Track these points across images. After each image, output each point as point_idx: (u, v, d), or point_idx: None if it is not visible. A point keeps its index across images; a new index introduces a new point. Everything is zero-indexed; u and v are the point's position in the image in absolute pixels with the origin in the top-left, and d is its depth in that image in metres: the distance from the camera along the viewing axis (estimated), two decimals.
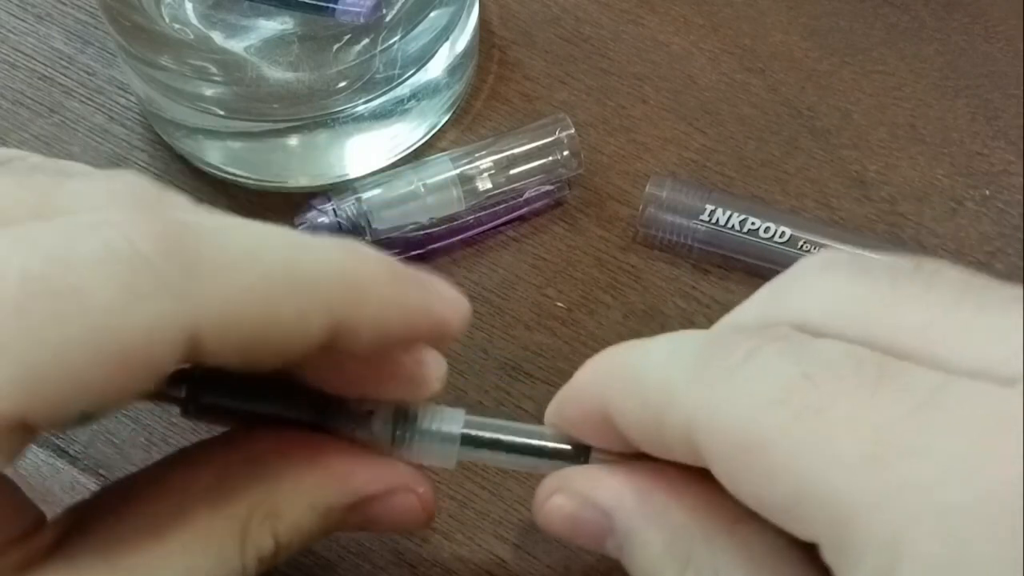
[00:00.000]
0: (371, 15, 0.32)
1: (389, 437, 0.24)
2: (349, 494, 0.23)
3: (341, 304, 0.21)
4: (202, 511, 0.21)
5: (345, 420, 0.24)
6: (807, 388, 0.18)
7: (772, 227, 0.32)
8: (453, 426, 0.24)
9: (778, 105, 0.37)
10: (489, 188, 0.33)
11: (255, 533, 0.22)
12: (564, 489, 0.23)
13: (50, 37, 0.37)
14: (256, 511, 0.22)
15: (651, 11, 0.39)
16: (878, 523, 0.16)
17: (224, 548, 0.21)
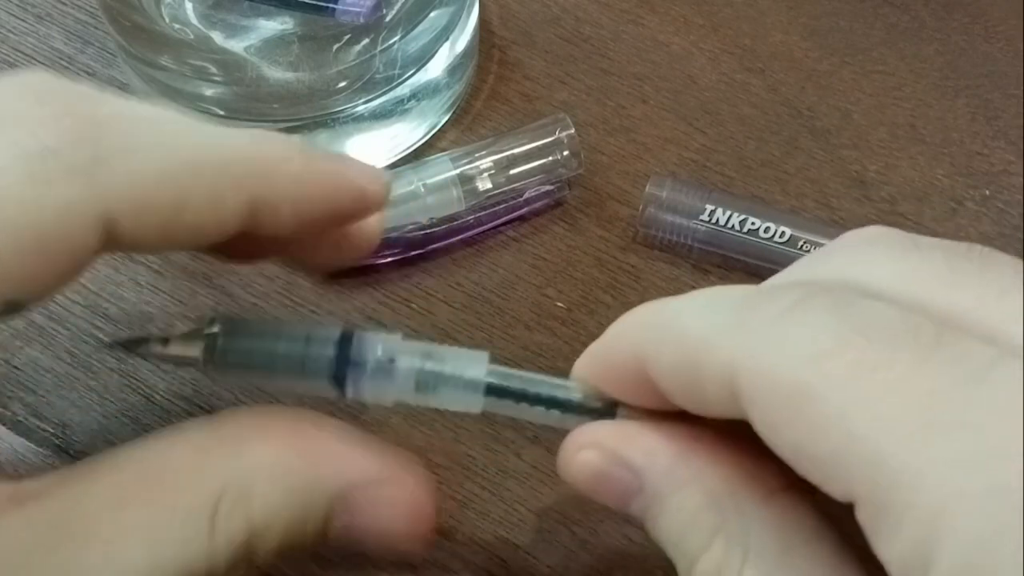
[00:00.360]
0: (371, 15, 0.32)
1: (412, 384, 0.23)
2: (329, 478, 0.22)
3: (253, 182, 0.22)
4: (170, 488, 0.21)
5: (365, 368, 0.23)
6: (861, 345, 0.18)
7: (772, 227, 0.32)
8: (477, 371, 0.23)
9: (778, 105, 0.37)
10: (489, 188, 0.33)
11: (226, 514, 0.21)
12: (595, 444, 0.22)
13: (50, 37, 0.37)
14: (228, 491, 0.21)
15: (651, 11, 0.39)
16: (923, 493, 0.16)
17: (190, 527, 0.20)
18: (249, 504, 0.21)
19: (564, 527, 0.29)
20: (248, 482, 0.21)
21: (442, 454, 0.30)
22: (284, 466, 0.22)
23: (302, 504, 0.22)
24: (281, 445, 0.22)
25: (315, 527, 0.22)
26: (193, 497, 0.21)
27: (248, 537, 0.21)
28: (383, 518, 0.23)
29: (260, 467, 0.22)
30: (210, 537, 0.20)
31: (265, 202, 0.22)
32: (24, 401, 0.30)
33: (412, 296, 0.32)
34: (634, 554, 0.28)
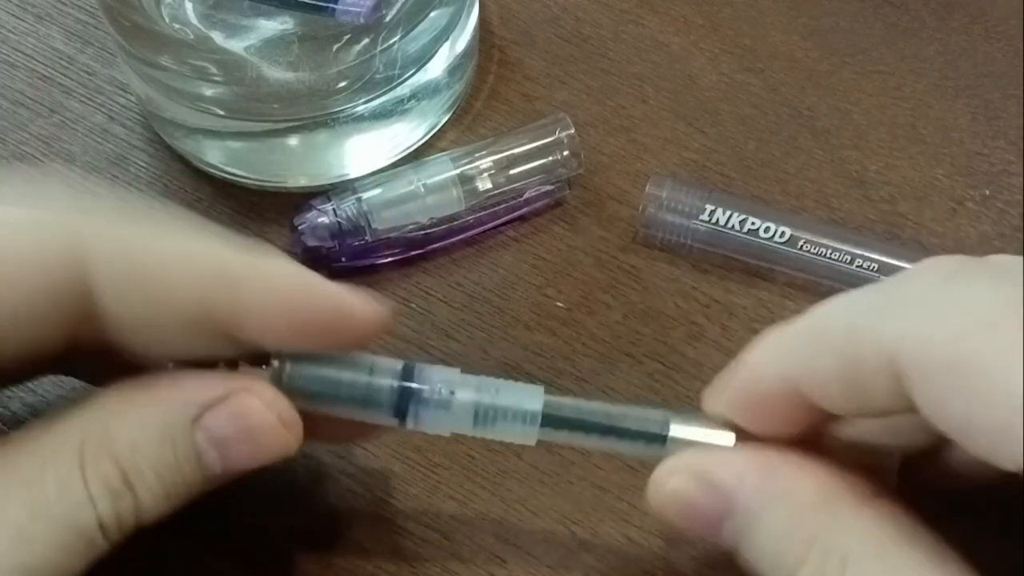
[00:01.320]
0: (371, 15, 0.32)
1: (471, 417, 0.24)
2: (181, 404, 0.22)
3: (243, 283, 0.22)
4: (37, 447, 0.21)
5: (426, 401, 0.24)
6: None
7: (772, 227, 0.32)
8: (534, 404, 0.24)
9: (778, 105, 0.37)
10: (489, 188, 0.33)
11: (92, 458, 0.21)
12: (682, 470, 0.23)
13: (50, 37, 0.37)
14: (88, 437, 0.21)
15: (651, 11, 0.39)
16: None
17: (63, 476, 0.21)
18: (111, 444, 0.22)
19: (564, 527, 0.29)
20: (104, 426, 0.22)
21: (442, 454, 0.30)
22: (134, 404, 0.22)
23: (163, 433, 0.22)
24: (128, 389, 0.23)
25: (187, 458, 0.22)
26: (57, 450, 0.21)
27: (121, 476, 0.21)
28: (246, 425, 0.23)
29: (112, 410, 0.22)
30: (83, 482, 0.21)
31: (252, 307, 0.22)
32: (24, 401, 0.30)
33: (412, 296, 0.32)
34: (634, 554, 0.28)
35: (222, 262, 0.23)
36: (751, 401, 0.23)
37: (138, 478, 0.22)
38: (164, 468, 0.22)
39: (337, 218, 0.32)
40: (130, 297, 0.22)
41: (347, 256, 0.32)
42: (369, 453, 0.30)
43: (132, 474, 0.22)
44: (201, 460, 0.23)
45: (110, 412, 0.22)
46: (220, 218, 0.34)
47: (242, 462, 0.23)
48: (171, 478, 0.22)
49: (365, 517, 0.29)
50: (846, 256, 0.32)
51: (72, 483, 0.21)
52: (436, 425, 0.24)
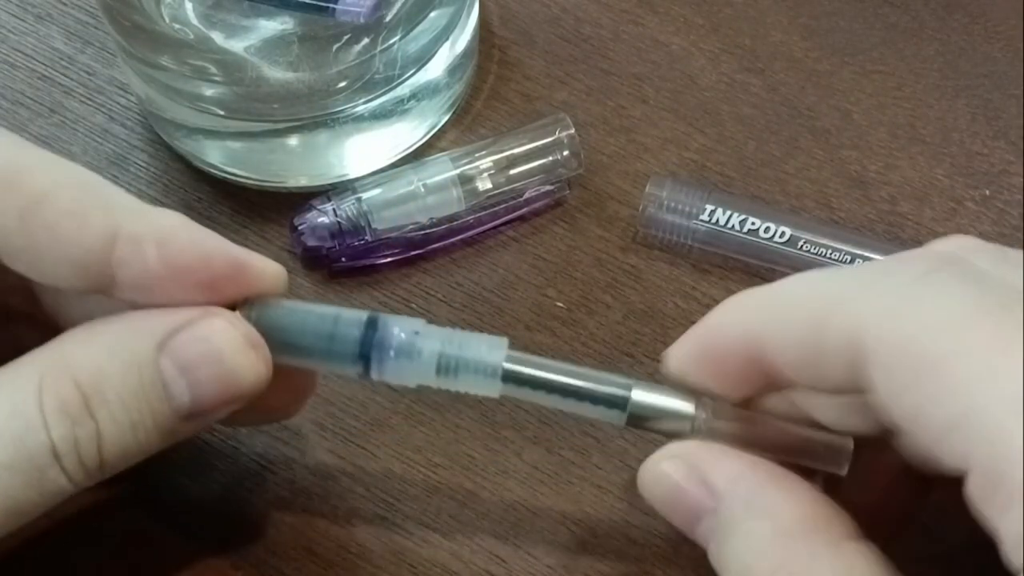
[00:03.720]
0: (371, 15, 0.32)
1: (434, 367, 0.24)
2: (146, 329, 0.22)
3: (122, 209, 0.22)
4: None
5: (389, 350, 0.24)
6: (997, 319, 0.18)
7: (772, 227, 0.32)
8: (496, 356, 0.24)
9: (778, 105, 0.37)
10: (489, 188, 0.33)
11: (51, 381, 0.20)
12: (680, 457, 0.23)
13: (50, 37, 0.37)
14: (49, 363, 0.21)
15: (651, 11, 0.39)
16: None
17: (17, 400, 0.20)
18: (74, 368, 0.21)
19: (564, 527, 0.29)
20: (66, 352, 0.21)
21: (442, 454, 0.30)
22: (99, 332, 0.22)
23: (127, 357, 0.21)
24: (93, 323, 0.22)
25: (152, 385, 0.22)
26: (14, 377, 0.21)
27: (82, 400, 0.21)
28: (212, 348, 0.22)
29: (76, 339, 0.22)
30: (38, 405, 0.20)
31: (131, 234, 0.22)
32: None
33: (412, 296, 0.32)
34: (634, 554, 0.28)
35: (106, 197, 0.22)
36: (709, 356, 0.23)
37: (100, 404, 0.21)
38: (129, 395, 0.21)
39: (337, 218, 0.32)
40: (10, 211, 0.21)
41: (347, 256, 0.32)
42: (369, 453, 0.30)
43: (94, 399, 0.21)
44: (168, 389, 0.22)
45: (74, 341, 0.22)
46: (220, 218, 0.34)
47: (211, 392, 0.22)
48: (137, 407, 0.21)
49: (365, 517, 0.29)
50: (846, 256, 0.32)
51: (25, 404, 0.20)
52: (400, 374, 0.24)
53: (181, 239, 0.22)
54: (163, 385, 0.22)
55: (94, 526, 0.28)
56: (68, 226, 0.21)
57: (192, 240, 0.22)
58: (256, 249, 0.33)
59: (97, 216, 0.22)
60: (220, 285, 0.23)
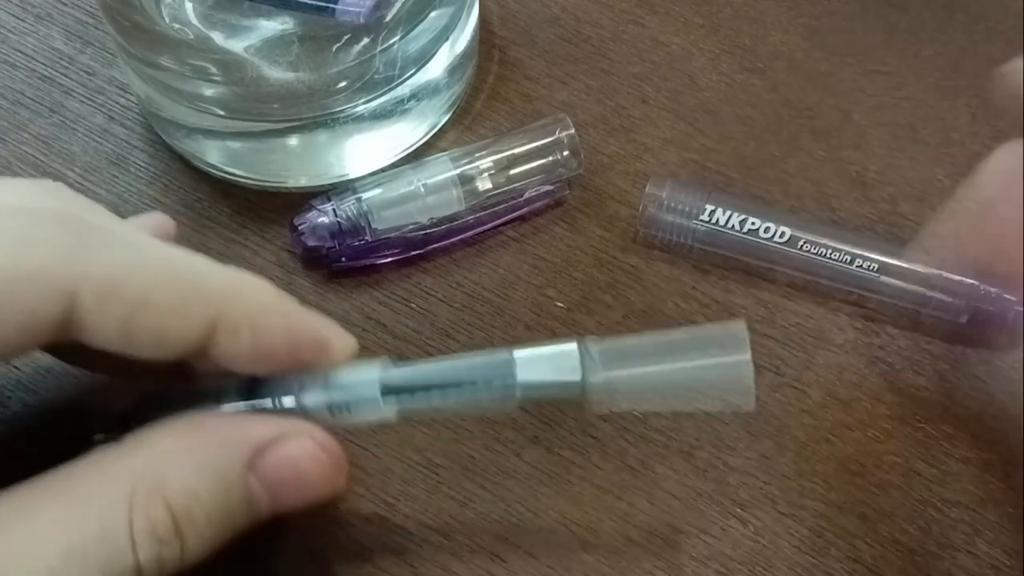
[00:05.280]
0: (371, 15, 0.32)
1: (325, 406, 0.24)
2: (236, 448, 0.23)
3: (220, 298, 0.23)
4: (80, 488, 0.21)
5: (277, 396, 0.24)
6: None
7: (772, 227, 0.32)
8: (371, 374, 0.24)
9: (778, 105, 0.37)
10: (489, 188, 0.33)
11: (143, 503, 0.21)
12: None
13: (50, 37, 0.37)
14: (140, 480, 0.21)
15: (651, 11, 0.39)
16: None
17: (107, 521, 0.21)
18: (165, 488, 0.21)
19: (564, 527, 0.29)
20: (158, 469, 0.22)
21: (442, 454, 0.30)
22: (189, 447, 0.22)
23: (218, 477, 0.22)
24: (181, 432, 0.23)
25: (239, 502, 0.22)
26: (104, 491, 0.21)
27: (172, 522, 0.21)
28: (298, 469, 0.23)
29: (166, 454, 0.22)
30: (128, 527, 0.21)
31: (228, 322, 0.23)
32: (24, 401, 0.30)
33: (412, 296, 0.32)
34: (634, 554, 0.28)
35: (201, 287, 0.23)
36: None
37: (189, 525, 0.22)
38: (216, 513, 0.22)
39: (337, 218, 0.32)
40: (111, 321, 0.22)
41: (347, 256, 0.32)
42: (369, 453, 0.30)
43: (183, 521, 0.21)
44: (252, 503, 0.23)
45: (163, 454, 0.22)
46: (220, 218, 0.34)
47: (291, 503, 0.24)
48: (221, 523, 0.22)
49: (365, 517, 0.29)
50: (846, 256, 0.32)
51: (115, 528, 0.21)
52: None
53: (273, 326, 0.24)
54: (248, 500, 0.23)
55: None
56: (168, 325, 0.22)
57: (284, 326, 0.24)
58: (256, 249, 0.33)
59: (195, 310, 0.23)
60: (301, 363, 0.24)
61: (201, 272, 0.24)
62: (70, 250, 0.22)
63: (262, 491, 0.23)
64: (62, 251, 0.22)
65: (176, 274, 0.23)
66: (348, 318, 0.32)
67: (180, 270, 0.23)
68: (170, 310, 0.22)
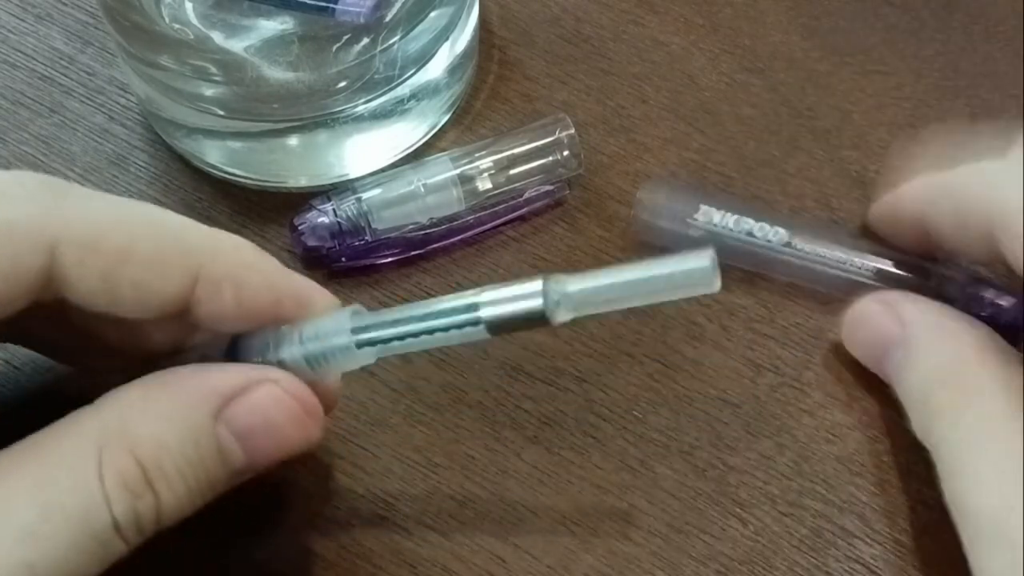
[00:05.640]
0: (371, 15, 0.32)
1: (302, 359, 0.24)
2: (202, 397, 0.22)
3: (202, 254, 0.23)
4: (50, 447, 0.21)
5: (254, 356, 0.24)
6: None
7: (766, 227, 0.32)
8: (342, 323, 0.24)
9: (778, 105, 0.37)
10: (489, 188, 0.33)
11: (111, 455, 0.21)
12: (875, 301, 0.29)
13: (50, 37, 0.37)
14: (107, 434, 0.21)
15: (651, 11, 0.39)
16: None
17: (78, 476, 0.20)
18: (131, 440, 0.21)
19: (564, 527, 0.29)
20: (125, 422, 0.21)
21: (442, 454, 0.30)
22: (155, 398, 0.22)
23: (185, 427, 0.22)
24: (147, 386, 0.22)
25: (210, 453, 0.22)
26: (73, 449, 0.21)
27: (141, 474, 0.21)
28: (268, 416, 0.23)
29: (133, 407, 0.22)
30: (99, 480, 0.20)
31: (209, 277, 0.23)
32: (24, 401, 0.30)
33: (412, 296, 0.32)
34: (634, 554, 0.28)
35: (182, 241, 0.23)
36: (893, 217, 0.31)
37: (159, 476, 0.21)
38: (187, 465, 0.22)
39: (337, 218, 0.32)
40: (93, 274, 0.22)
41: (347, 256, 0.32)
42: (369, 453, 0.30)
43: (153, 472, 0.21)
44: (224, 455, 0.22)
45: (130, 407, 0.22)
46: (220, 218, 0.34)
47: (266, 455, 0.23)
48: (194, 475, 0.22)
49: (365, 517, 0.29)
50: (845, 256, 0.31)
51: (87, 481, 0.20)
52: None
53: (256, 282, 0.24)
54: (219, 451, 0.22)
55: None
56: (150, 278, 0.22)
57: (266, 282, 0.24)
58: None
59: (176, 264, 0.23)
60: (284, 318, 0.24)
61: (183, 228, 0.24)
62: (50, 201, 0.22)
63: (233, 441, 0.22)
64: (42, 204, 0.22)
65: (157, 228, 0.23)
66: None
67: (162, 225, 0.23)
68: (152, 263, 0.22)
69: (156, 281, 0.23)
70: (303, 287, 0.25)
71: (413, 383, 0.31)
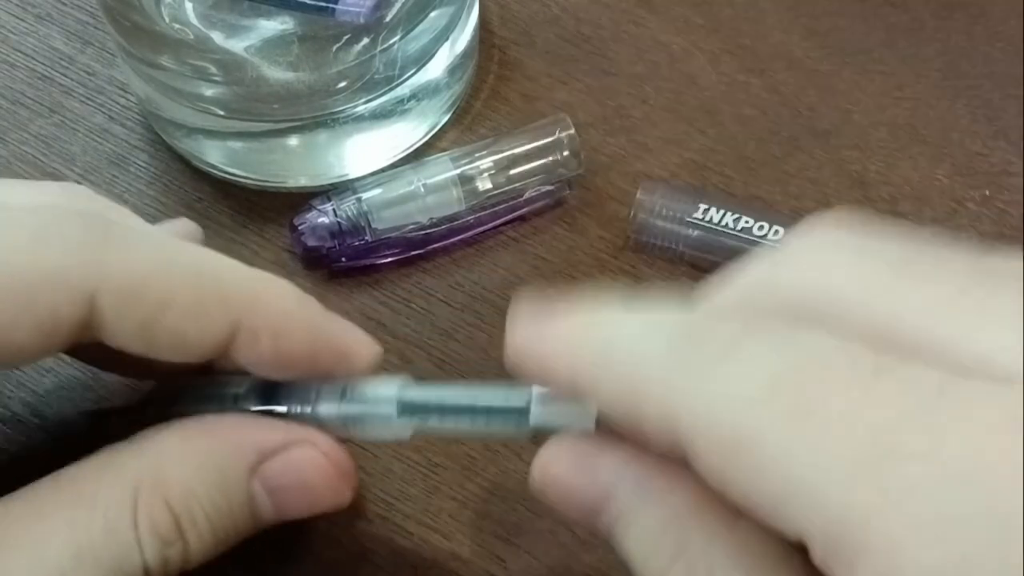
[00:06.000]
0: (371, 15, 0.32)
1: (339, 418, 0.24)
2: (240, 451, 0.22)
3: (242, 303, 0.22)
4: (88, 488, 0.21)
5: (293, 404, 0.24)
6: (796, 385, 0.17)
7: (766, 227, 0.32)
8: (390, 391, 0.24)
9: (778, 105, 0.37)
10: (489, 188, 0.33)
11: (146, 502, 0.21)
12: (563, 458, 0.22)
13: (50, 37, 0.37)
14: (143, 480, 0.21)
15: (651, 11, 0.39)
16: (875, 530, 0.15)
17: (113, 520, 0.21)
18: (166, 488, 0.21)
19: (564, 527, 0.29)
20: (161, 470, 0.22)
21: (442, 454, 0.30)
22: (193, 448, 0.22)
23: (219, 480, 0.22)
24: (187, 433, 0.23)
25: (240, 506, 0.22)
26: (109, 491, 0.21)
27: (174, 522, 0.21)
28: (303, 478, 0.23)
29: (170, 454, 0.22)
30: (133, 526, 0.21)
31: (249, 327, 0.22)
32: (24, 401, 0.30)
33: (412, 296, 0.32)
34: None
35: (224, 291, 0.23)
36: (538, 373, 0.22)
37: (190, 525, 0.22)
38: (216, 515, 0.22)
39: (337, 218, 0.32)
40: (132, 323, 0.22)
41: (347, 256, 0.32)
42: (369, 453, 0.30)
43: (185, 522, 0.21)
44: (254, 508, 0.23)
45: (166, 455, 0.22)
46: (220, 218, 0.34)
47: (296, 512, 0.23)
48: (222, 525, 0.22)
49: (365, 517, 0.29)
50: None
51: (121, 527, 0.21)
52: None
53: (295, 333, 0.23)
54: (250, 504, 0.23)
55: None
56: (188, 328, 0.22)
57: (306, 334, 0.23)
58: (256, 249, 0.33)
59: (216, 314, 0.22)
60: (322, 371, 0.24)
61: (224, 274, 0.23)
62: (90, 248, 0.21)
63: (265, 497, 0.23)
64: (82, 249, 0.21)
65: (198, 277, 0.23)
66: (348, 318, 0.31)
67: (202, 272, 0.23)
68: (191, 314, 0.22)
69: (195, 331, 0.22)
70: (345, 339, 0.24)
71: None
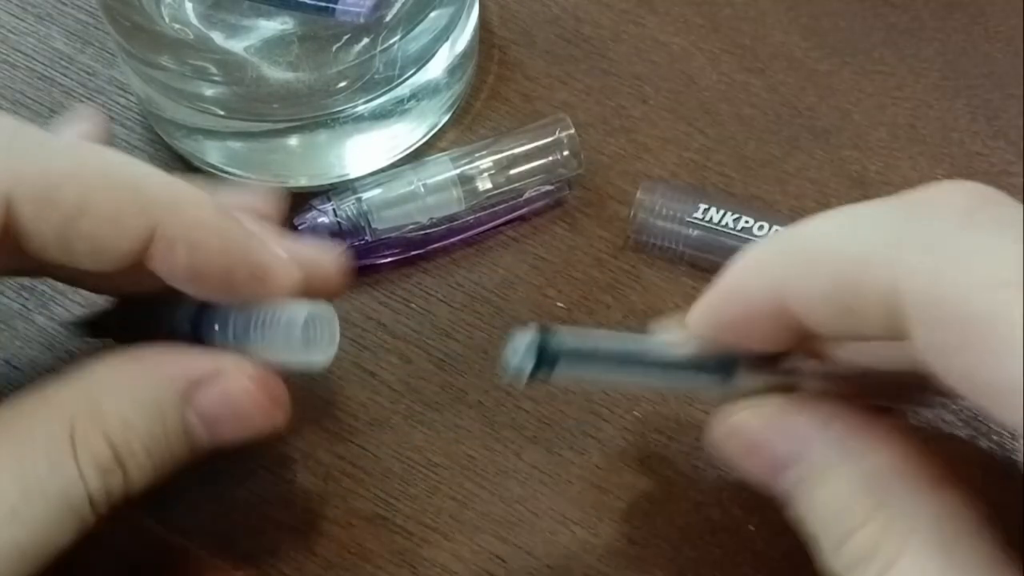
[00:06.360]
0: (371, 15, 0.32)
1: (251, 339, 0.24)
2: (172, 381, 0.23)
3: (158, 210, 0.22)
4: (26, 427, 0.22)
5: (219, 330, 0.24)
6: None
7: (766, 227, 0.32)
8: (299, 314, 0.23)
9: (778, 105, 0.37)
10: (489, 188, 0.33)
11: (83, 435, 0.21)
12: (755, 410, 0.22)
13: (50, 37, 0.37)
14: (79, 413, 0.22)
15: (651, 11, 0.39)
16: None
17: (54, 454, 0.21)
18: (102, 420, 0.22)
19: (564, 527, 0.29)
20: (95, 401, 0.22)
21: (442, 454, 0.30)
22: (126, 380, 0.23)
23: (154, 410, 0.22)
24: (119, 364, 0.23)
25: (176, 435, 0.23)
26: (46, 426, 0.22)
27: (113, 453, 0.22)
28: (234, 406, 0.23)
29: (104, 386, 0.22)
30: (74, 458, 0.21)
31: (165, 236, 0.22)
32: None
33: (412, 296, 0.32)
34: (634, 554, 0.28)
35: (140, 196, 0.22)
36: (732, 318, 0.22)
37: (128, 455, 0.22)
38: (153, 444, 0.22)
39: (337, 218, 0.32)
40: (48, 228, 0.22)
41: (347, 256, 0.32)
42: (369, 453, 0.30)
43: (123, 451, 0.22)
44: (189, 436, 0.23)
45: (100, 387, 0.22)
46: None
47: (229, 438, 0.24)
48: (159, 453, 0.23)
49: (365, 517, 0.29)
50: None
51: (64, 461, 0.21)
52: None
53: (210, 246, 0.23)
54: (185, 431, 0.23)
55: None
56: (104, 234, 0.22)
57: (220, 247, 0.23)
58: None
59: (132, 219, 0.22)
60: (239, 290, 0.24)
61: (141, 181, 0.23)
62: (2, 151, 0.21)
63: (199, 425, 0.23)
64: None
65: (114, 181, 0.22)
66: (348, 318, 0.32)
67: (118, 177, 0.22)
68: (107, 219, 0.22)
69: (111, 236, 0.22)
70: (263, 259, 0.24)
71: (413, 383, 0.31)
